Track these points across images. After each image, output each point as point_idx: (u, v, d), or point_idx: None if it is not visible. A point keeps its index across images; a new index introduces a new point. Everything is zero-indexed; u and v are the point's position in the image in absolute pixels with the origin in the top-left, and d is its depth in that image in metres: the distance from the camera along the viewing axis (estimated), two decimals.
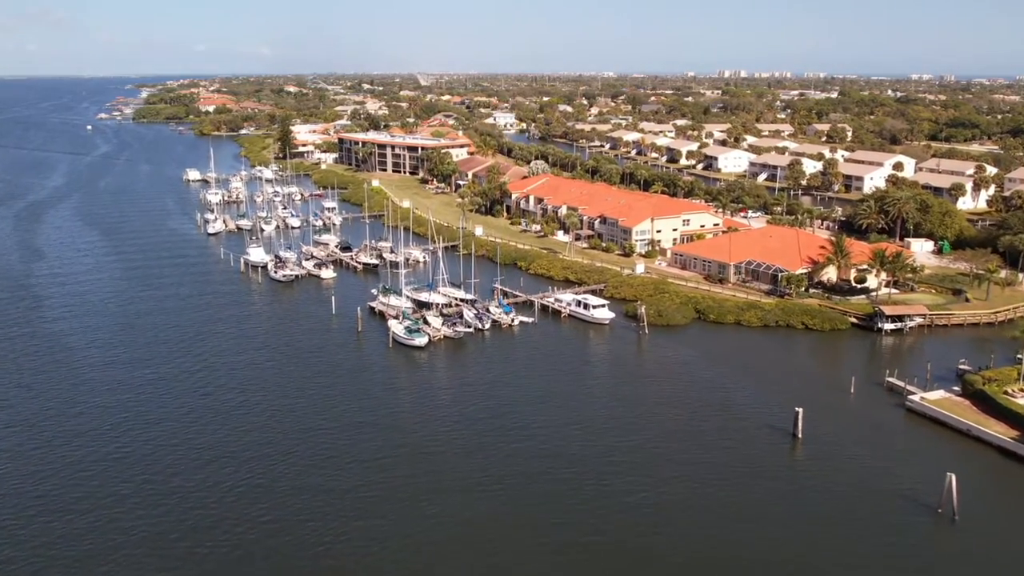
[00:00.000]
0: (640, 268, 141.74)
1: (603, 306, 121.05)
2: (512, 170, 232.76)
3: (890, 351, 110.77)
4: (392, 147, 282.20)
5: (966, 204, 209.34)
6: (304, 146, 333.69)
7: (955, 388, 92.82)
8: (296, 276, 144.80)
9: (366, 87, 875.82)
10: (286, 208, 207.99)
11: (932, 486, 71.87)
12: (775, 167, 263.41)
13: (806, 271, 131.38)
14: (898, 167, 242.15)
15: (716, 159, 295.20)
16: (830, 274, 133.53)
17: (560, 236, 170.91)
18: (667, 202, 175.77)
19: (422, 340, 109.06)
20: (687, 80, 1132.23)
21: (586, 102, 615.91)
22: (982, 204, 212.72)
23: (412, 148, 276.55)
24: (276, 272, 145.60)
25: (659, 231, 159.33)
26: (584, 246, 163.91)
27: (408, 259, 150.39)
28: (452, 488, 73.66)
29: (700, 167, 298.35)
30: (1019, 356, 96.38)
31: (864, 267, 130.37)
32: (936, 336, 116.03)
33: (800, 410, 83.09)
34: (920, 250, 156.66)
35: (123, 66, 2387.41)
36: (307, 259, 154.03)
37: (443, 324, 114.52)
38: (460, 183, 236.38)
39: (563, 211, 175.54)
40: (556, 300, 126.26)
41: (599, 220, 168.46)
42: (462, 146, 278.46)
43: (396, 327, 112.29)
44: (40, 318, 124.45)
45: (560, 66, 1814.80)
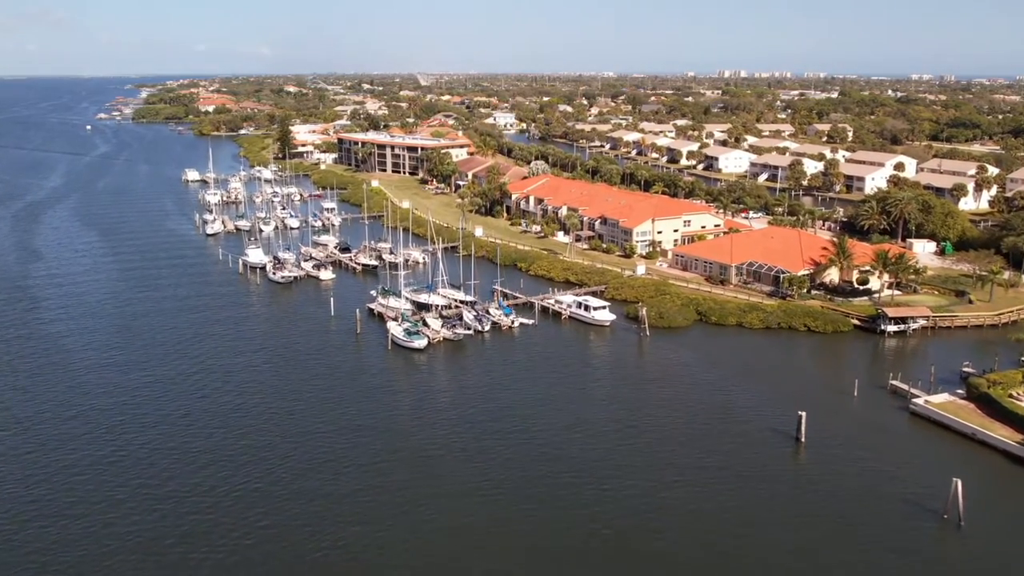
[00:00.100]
0: (641, 269, 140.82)
1: (604, 308, 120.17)
2: (512, 170, 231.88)
3: (893, 353, 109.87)
4: (392, 147, 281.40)
5: (968, 205, 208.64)
6: (303, 146, 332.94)
7: (959, 391, 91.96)
8: (295, 277, 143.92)
9: (366, 87, 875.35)
10: (285, 209, 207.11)
11: (937, 491, 71.07)
12: (776, 167, 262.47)
13: (808, 272, 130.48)
14: (899, 167, 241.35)
15: (717, 159, 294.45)
16: (832, 275, 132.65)
17: (560, 237, 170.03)
18: (668, 203, 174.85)
19: (421, 342, 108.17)
20: (687, 80, 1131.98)
21: (586, 102, 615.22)
22: (984, 205, 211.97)
23: (412, 148, 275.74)
24: (274, 273, 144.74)
25: (660, 232, 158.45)
26: (584, 247, 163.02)
27: (407, 260, 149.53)
28: (451, 493, 72.81)
29: (701, 167, 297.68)
30: (1023, 358, 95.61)
31: (866, 268, 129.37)
32: (939, 338, 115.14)
33: (803, 414, 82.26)
34: (922, 251, 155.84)
35: (123, 66, 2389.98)
36: (306, 260, 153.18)
37: (442, 326, 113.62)
38: (460, 183, 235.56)
39: (563, 212, 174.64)
40: (556, 302, 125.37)
41: (599, 221, 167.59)
42: (462, 146, 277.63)
43: (395, 329, 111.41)
44: (36, 319, 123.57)
45: (560, 66, 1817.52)
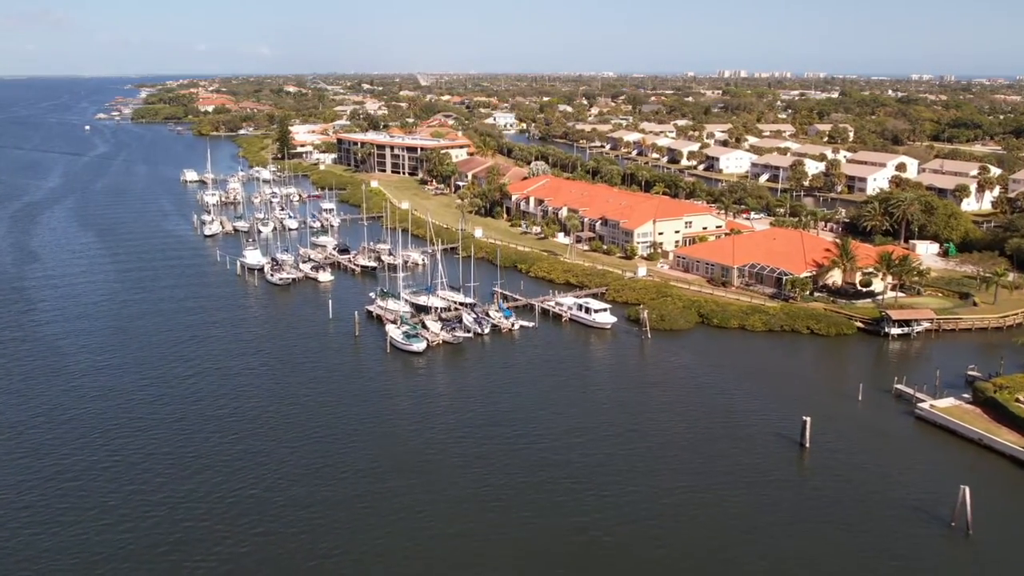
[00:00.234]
0: (642, 271, 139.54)
1: (605, 310, 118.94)
2: (512, 171, 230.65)
3: (897, 357, 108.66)
4: (391, 148, 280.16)
5: (970, 205, 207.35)
6: (303, 146, 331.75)
7: (965, 395, 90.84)
8: (293, 279, 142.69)
9: (366, 87, 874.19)
10: (284, 209, 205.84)
11: (944, 497, 69.93)
12: (777, 168, 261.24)
13: (811, 274, 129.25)
14: (901, 168, 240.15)
15: (717, 160, 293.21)
16: (835, 277, 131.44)
17: (561, 238, 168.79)
18: (669, 204, 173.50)
19: (420, 345, 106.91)
20: (687, 80, 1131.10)
21: (586, 102, 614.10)
22: (987, 205, 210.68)
23: (411, 149, 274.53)
24: (273, 275, 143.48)
25: (661, 233, 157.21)
26: (585, 248, 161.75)
27: (407, 262, 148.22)
28: (450, 499, 71.63)
29: (701, 168, 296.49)
30: None
31: (870, 270, 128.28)
32: (944, 341, 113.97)
33: (808, 419, 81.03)
34: (925, 252, 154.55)
35: (123, 66, 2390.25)
36: (304, 261, 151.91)
37: (442, 329, 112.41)
38: (460, 184, 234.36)
39: (564, 213, 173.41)
40: (557, 304, 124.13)
41: (600, 222, 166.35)
42: (462, 147, 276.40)
43: (394, 332, 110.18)
44: (32, 321, 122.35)
45: (560, 66, 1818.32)
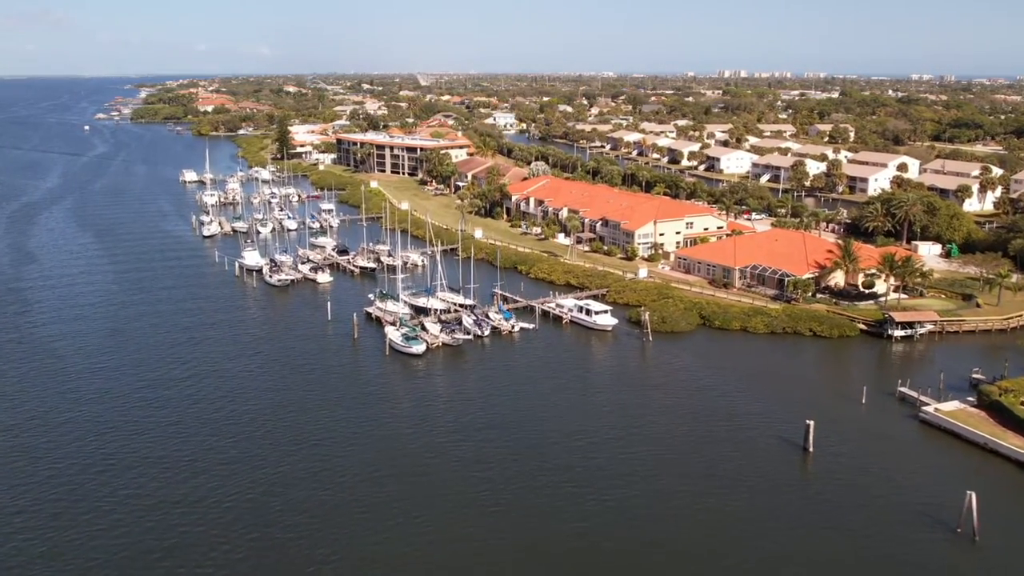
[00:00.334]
0: (643, 272, 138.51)
1: (606, 312, 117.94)
2: (512, 171, 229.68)
3: (901, 359, 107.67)
4: (391, 148, 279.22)
5: (972, 206, 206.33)
6: (302, 147, 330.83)
7: (970, 398, 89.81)
8: (291, 280, 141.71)
9: (366, 87, 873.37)
10: (283, 210, 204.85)
11: (950, 503, 68.92)
12: (778, 168, 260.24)
13: (813, 276, 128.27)
14: (902, 168, 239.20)
15: (718, 160, 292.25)
16: (837, 279, 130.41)
17: (561, 239, 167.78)
18: (670, 204, 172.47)
19: (420, 348, 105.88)
20: (687, 80, 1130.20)
21: (586, 102, 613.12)
22: (989, 206, 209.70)
23: (411, 149, 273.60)
24: (271, 276, 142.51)
25: (662, 234, 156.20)
26: (585, 249, 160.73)
27: (406, 263, 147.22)
28: (449, 503, 70.63)
29: (702, 168, 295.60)
30: None
31: (872, 272, 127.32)
32: (947, 343, 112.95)
33: (811, 423, 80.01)
34: (928, 253, 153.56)
35: (123, 66, 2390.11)
36: (303, 262, 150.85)
37: (441, 331, 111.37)
38: (459, 184, 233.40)
39: (564, 213, 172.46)
40: (558, 306, 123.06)
41: (601, 223, 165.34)
42: (461, 147, 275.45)
43: (393, 334, 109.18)
44: (28, 323, 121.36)
45: (560, 66, 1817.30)
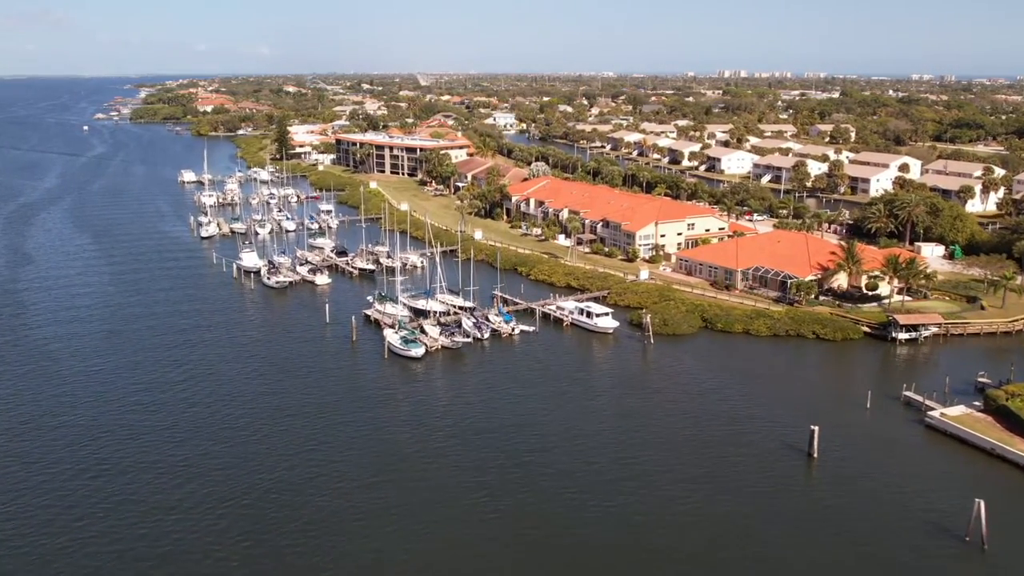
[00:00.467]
0: (644, 274, 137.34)
1: (607, 314, 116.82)
2: (512, 172, 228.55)
3: (905, 362, 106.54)
4: (390, 148, 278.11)
5: (975, 207, 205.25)
6: (301, 147, 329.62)
7: (976, 403, 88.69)
8: (290, 282, 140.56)
9: (365, 87, 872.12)
10: (281, 211, 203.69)
11: (957, 510, 67.87)
12: (779, 169, 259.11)
13: (816, 278, 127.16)
14: (904, 169, 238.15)
15: (719, 160, 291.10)
16: (840, 281, 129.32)
17: (561, 240, 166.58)
18: (671, 205, 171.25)
19: (419, 351, 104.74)
20: (687, 80, 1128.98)
21: (586, 102, 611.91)
22: (991, 207, 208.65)
23: (411, 149, 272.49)
24: (269, 278, 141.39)
25: (663, 235, 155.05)
26: (586, 251, 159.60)
27: (405, 264, 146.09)
28: (448, 509, 69.49)
29: (703, 168, 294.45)
30: None
31: (876, 274, 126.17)
32: (952, 346, 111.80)
33: (816, 428, 78.91)
34: (931, 255, 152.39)
35: (123, 66, 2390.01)
36: (301, 264, 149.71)
37: (441, 334, 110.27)
38: (459, 185, 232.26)
39: (564, 214, 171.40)
40: (558, 308, 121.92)
41: (601, 224, 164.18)
42: (461, 147, 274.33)
43: (392, 337, 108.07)
44: (23, 325, 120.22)
45: (560, 66, 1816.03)
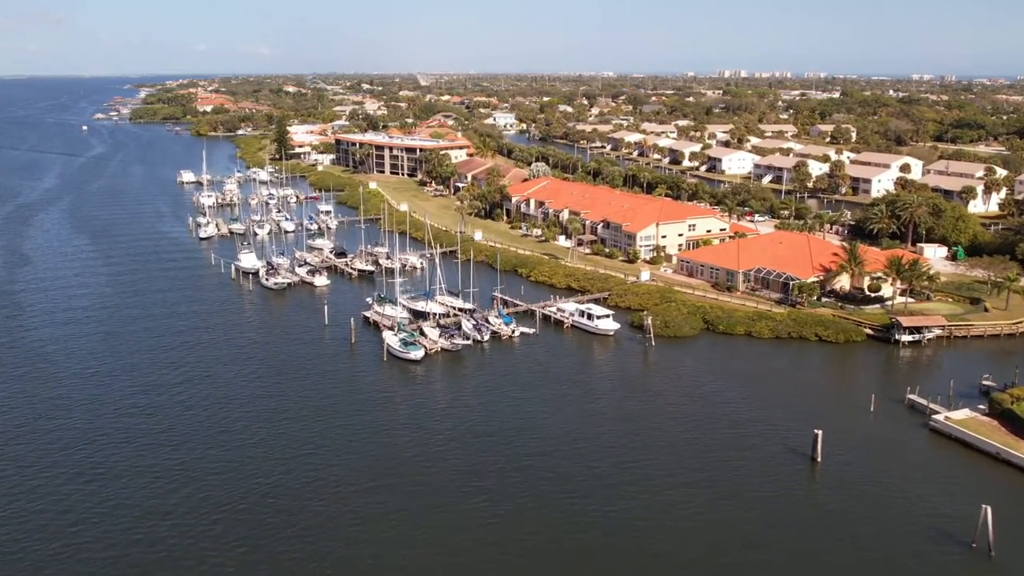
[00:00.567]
0: (645, 275, 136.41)
1: (608, 316, 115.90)
2: (512, 172, 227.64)
3: (909, 365, 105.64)
4: (390, 148, 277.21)
5: (977, 207, 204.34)
6: (301, 147, 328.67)
7: (981, 406, 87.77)
8: (288, 283, 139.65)
9: (365, 87, 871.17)
10: (280, 211, 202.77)
11: (963, 515, 66.99)
12: (780, 169, 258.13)
13: (818, 279, 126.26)
14: (905, 169, 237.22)
15: (720, 161, 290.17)
16: (843, 282, 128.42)
17: (562, 241, 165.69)
18: (672, 206, 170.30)
19: (418, 353, 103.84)
20: (687, 80, 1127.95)
21: (586, 102, 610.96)
22: (993, 207, 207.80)
23: (410, 149, 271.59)
24: (268, 279, 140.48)
25: (664, 236, 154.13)
26: (587, 252, 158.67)
27: (404, 265, 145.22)
28: (447, 515, 68.56)
29: (703, 169, 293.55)
30: None
31: (878, 275, 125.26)
32: (955, 348, 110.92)
33: (819, 432, 78.00)
34: (933, 256, 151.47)
35: (124, 66, 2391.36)
36: (300, 265, 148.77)
37: (440, 336, 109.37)
38: (459, 185, 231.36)
39: (565, 215, 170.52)
40: (559, 310, 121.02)
41: (602, 225, 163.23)
42: (461, 147, 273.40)
43: (391, 339, 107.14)
44: (20, 327, 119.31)
45: (560, 66, 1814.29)
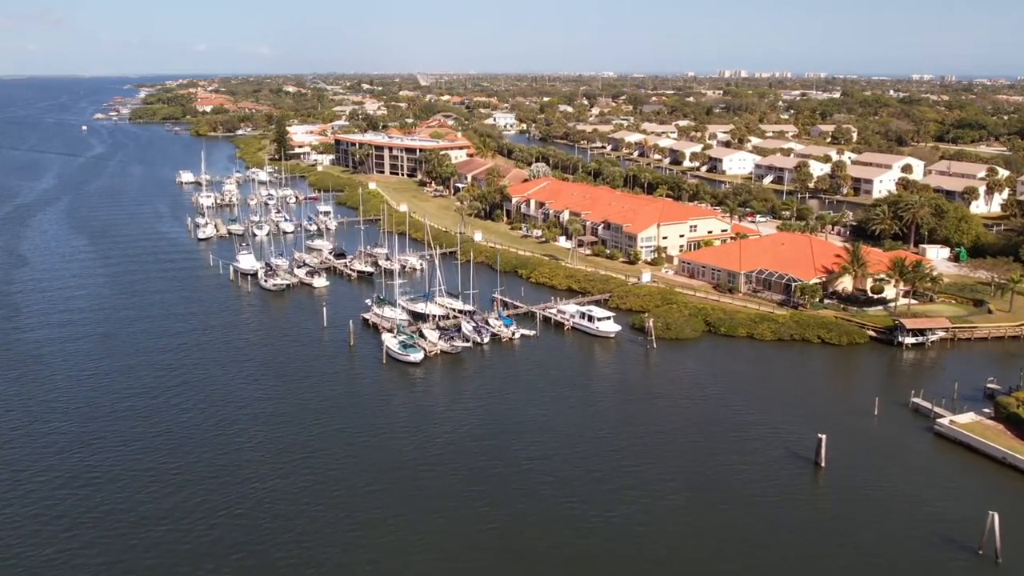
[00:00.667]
0: (646, 277, 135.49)
1: (608, 318, 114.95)
2: (512, 172, 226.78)
3: (912, 368, 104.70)
4: (390, 149, 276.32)
5: (979, 208, 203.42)
6: (300, 147, 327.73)
7: (986, 410, 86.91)
8: (287, 285, 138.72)
9: (365, 87, 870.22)
10: (280, 212, 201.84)
11: (969, 521, 66.12)
12: (781, 169, 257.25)
13: (820, 281, 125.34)
14: (907, 169, 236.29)
15: (720, 161, 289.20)
16: (845, 284, 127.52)
17: (562, 242, 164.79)
18: (673, 207, 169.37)
19: (417, 356, 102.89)
20: (687, 80, 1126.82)
21: (587, 102, 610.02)
22: (996, 208, 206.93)
23: (410, 150, 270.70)
24: (266, 281, 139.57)
25: (665, 238, 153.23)
26: (587, 253, 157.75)
27: (404, 267, 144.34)
28: (446, 520, 67.64)
29: (704, 169, 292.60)
30: None
31: (881, 277, 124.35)
32: (959, 351, 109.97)
33: (823, 436, 77.07)
34: (936, 257, 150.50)
35: (124, 66, 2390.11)
36: (299, 266, 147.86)
37: (440, 338, 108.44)
38: (459, 186, 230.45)
39: (565, 216, 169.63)
40: (559, 312, 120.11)
41: (602, 226, 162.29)
42: (461, 147, 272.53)
43: (390, 341, 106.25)
44: (16, 328, 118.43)
45: (560, 66, 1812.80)
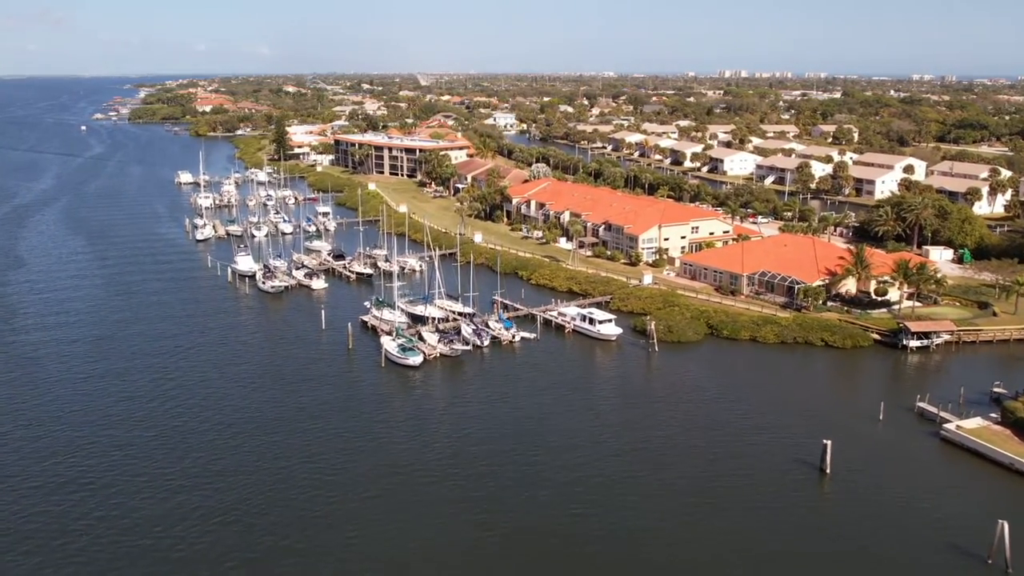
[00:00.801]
0: (648, 279, 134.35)
1: (610, 321, 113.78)
2: (513, 173, 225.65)
3: (917, 371, 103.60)
4: (390, 149, 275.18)
5: (982, 209, 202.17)
6: (300, 147, 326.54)
7: (992, 415, 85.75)
8: (285, 287, 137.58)
9: (365, 87, 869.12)
10: (279, 213, 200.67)
11: (977, 529, 64.97)
12: (783, 170, 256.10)
13: (824, 283, 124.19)
14: (909, 170, 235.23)
15: (721, 161, 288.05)
16: (849, 286, 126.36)
17: (563, 243, 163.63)
18: (674, 208, 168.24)
19: (417, 359, 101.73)
20: (688, 80, 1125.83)
21: (587, 102, 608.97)
22: (999, 209, 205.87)
23: (410, 150, 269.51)
24: (264, 282, 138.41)
25: (667, 239, 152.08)
26: (588, 254, 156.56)
27: (403, 268, 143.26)
28: (446, 525, 66.51)
29: (705, 169, 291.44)
30: None
31: (885, 279, 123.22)
32: (965, 354, 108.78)
33: (828, 442, 75.90)
34: (939, 259, 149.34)
35: (123, 66, 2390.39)
36: (298, 268, 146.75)
37: (439, 341, 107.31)
38: (459, 186, 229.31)
39: (566, 217, 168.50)
40: (560, 314, 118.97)
41: (603, 227, 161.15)
42: (461, 148, 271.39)
43: (389, 344, 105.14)
44: (11, 329, 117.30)
45: (560, 66, 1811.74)
